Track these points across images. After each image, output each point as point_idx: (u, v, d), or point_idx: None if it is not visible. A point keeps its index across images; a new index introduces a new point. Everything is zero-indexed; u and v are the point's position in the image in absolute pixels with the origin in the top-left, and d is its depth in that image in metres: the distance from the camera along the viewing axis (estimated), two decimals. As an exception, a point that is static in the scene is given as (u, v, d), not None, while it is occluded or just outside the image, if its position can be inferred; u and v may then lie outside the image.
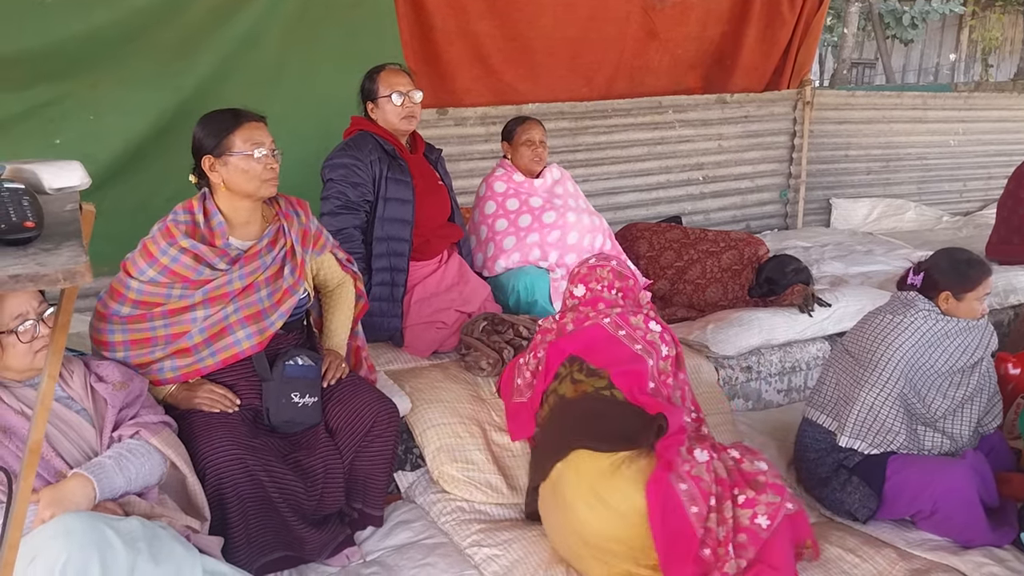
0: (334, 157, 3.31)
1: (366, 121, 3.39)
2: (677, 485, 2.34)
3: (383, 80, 3.32)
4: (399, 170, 3.32)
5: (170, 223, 2.43)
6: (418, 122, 3.42)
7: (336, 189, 3.27)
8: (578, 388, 2.71)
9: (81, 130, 3.70)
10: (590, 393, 2.69)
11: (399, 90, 3.29)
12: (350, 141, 3.34)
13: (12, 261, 1.00)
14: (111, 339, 2.42)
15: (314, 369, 2.62)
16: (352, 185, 3.26)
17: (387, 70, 3.35)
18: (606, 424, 2.56)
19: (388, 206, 3.32)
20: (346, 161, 3.27)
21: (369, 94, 3.35)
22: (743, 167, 6.16)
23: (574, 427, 2.59)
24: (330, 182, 3.30)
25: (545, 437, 2.75)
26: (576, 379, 2.73)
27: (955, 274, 2.86)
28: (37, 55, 3.53)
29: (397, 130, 3.36)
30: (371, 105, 3.36)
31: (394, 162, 3.32)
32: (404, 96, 3.29)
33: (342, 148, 3.33)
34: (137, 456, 2.15)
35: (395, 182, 3.31)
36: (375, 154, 3.29)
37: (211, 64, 3.96)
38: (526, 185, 3.91)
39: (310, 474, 2.51)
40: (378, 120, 3.36)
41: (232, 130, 2.42)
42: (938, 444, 2.86)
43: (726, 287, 4.19)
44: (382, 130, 3.35)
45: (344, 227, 3.26)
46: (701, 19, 5.70)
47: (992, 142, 7.44)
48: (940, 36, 18.77)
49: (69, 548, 1.76)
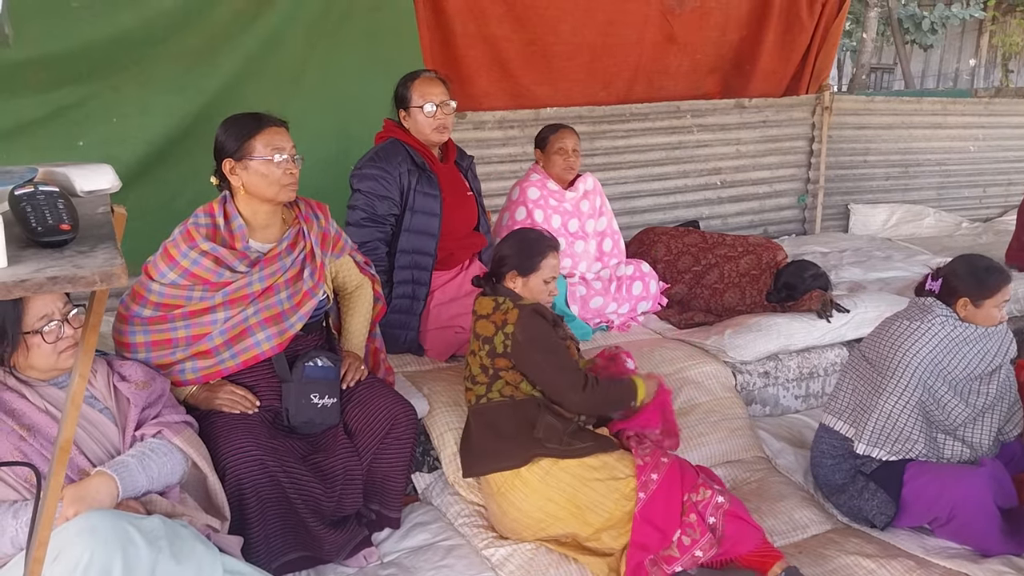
0: (363, 166, 3.27)
1: (398, 128, 3.34)
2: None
3: (416, 89, 3.26)
4: (428, 183, 3.29)
5: (191, 226, 2.46)
6: (450, 133, 3.36)
7: (363, 200, 3.24)
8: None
9: (105, 132, 3.73)
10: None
11: (432, 100, 3.23)
12: (380, 151, 3.29)
13: (49, 263, 1.02)
14: (133, 340, 2.44)
15: (333, 370, 2.64)
16: (379, 198, 3.23)
17: (422, 78, 3.29)
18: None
19: (415, 218, 3.29)
20: (375, 172, 3.23)
21: (402, 102, 3.29)
22: (761, 172, 6.15)
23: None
24: (357, 192, 3.27)
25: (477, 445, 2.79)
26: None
27: (974, 280, 2.85)
28: (62, 58, 3.57)
29: (428, 140, 3.31)
30: (403, 113, 3.30)
31: (423, 174, 3.28)
32: (437, 107, 3.24)
33: (372, 158, 3.28)
34: (159, 455, 2.17)
35: (423, 195, 3.28)
36: (405, 165, 3.25)
37: (234, 67, 3.99)
38: (557, 195, 3.94)
39: (329, 475, 2.53)
40: (410, 129, 3.30)
41: (253, 134, 2.44)
42: (958, 452, 2.85)
43: (744, 292, 4.19)
44: (413, 139, 3.30)
45: (369, 239, 3.24)
46: (720, 24, 5.69)
47: (1012, 148, 7.38)
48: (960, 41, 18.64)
49: (93, 546, 1.78)
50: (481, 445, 2.72)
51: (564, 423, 2.65)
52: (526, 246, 2.80)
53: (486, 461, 2.69)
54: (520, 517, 2.62)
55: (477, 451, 2.73)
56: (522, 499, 2.60)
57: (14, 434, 2.02)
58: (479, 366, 2.73)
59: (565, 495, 2.57)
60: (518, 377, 2.68)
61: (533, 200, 3.87)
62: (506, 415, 2.68)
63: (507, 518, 2.66)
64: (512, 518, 2.64)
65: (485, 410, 2.73)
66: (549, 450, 2.58)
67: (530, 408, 2.66)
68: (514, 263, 2.77)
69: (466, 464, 2.79)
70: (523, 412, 2.66)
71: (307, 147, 2.58)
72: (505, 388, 2.70)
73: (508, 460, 2.62)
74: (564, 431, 2.62)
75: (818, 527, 2.92)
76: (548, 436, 2.60)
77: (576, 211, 4.00)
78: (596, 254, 4.11)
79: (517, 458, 2.60)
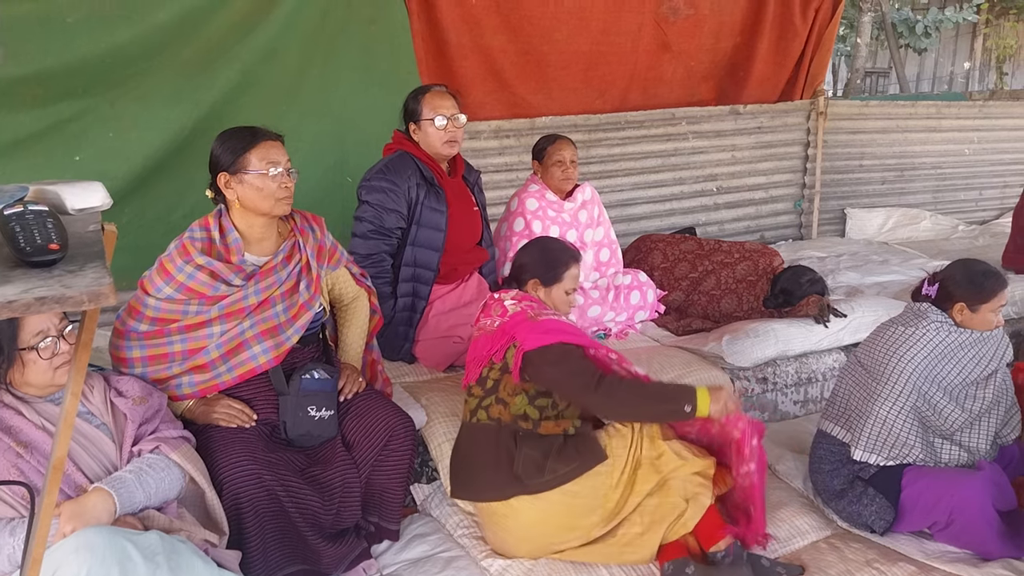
0: (372, 179, 3.26)
1: (408, 141, 3.33)
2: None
3: (427, 102, 3.26)
4: (436, 198, 3.29)
5: (186, 240, 2.46)
6: (460, 146, 3.36)
7: (371, 213, 3.24)
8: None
9: (101, 147, 3.74)
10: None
11: (443, 113, 3.23)
12: (390, 163, 3.28)
13: (38, 283, 1.02)
14: (129, 355, 2.44)
15: (330, 383, 2.64)
16: (387, 211, 3.23)
17: (432, 92, 3.30)
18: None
19: (420, 232, 3.30)
20: (384, 185, 3.23)
21: (412, 115, 3.29)
22: (757, 178, 6.16)
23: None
24: (365, 204, 3.26)
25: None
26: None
27: (970, 285, 2.84)
28: (59, 73, 3.58)
29: (438, 154, 3.31)
30: (413, 126, 3.30)
31: (432, 189, 3.29)
32: (448, 120, 3.24)
33: (380, 170, 3.27)
34: (157, 470, 2.17)
35: (430, 209, 3.28)
36: (414, 179, 3.25)
37: (229, 80, 3.99)
38: (556, 206, 3.95)
39: (327, 488, 2.52)
40: (420, 142, 3.30)
41: (248, 148, 2.44)
42: (955, 457, 2.84)
43: (741, 298, 4.19)
44: (422, 153, 3.30)
45: (374, 252, 3.25)
46: (714, 31, 5.71)
47: (1008, 150, 7.39)
48: (954, 44, 18.68)
49: (90, 563, 1.78)
50: (466, 471, 2.68)
51: (545, 447, 2.55)
52: (549, 256, 2.76)
53: (471, 488, 2.67)
54: (515, 542, 2.61)
55: (463, 476, 2.70)
56: (514, 525, 2.58)
57: (11, 451, 2.02)
58: (486, 375, 2.67)
59: (556, 516, 2.55)
60: (516, 389, 2.61)
61: (532, 211, 3.88)
62: (487, 442, 2.61)
63: (503, 543, 2.65)
64: (508, 542, 2.63)
65: (473, 430, 2.68)
66: (527, 487, 2.52)
67: (509, 438, 2.58)
68: (537, 272, 2.73)
69: (453, 484, 2.76)
70: (504, 441, 2.58)
71: (303, 160, 2.59)
72: (494, 408, 2.62)
73: (489, 492, 2.59)
74: (546, 457, 2.53)
75: (818, 533, 2.92)
76: (527, 471, 2.52)
77: (574, 221, 4.01)
78: (594, 264, 4.13)
79: (497, 493, 2.57)
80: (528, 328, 2.57)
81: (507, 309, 2.65)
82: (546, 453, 2.54)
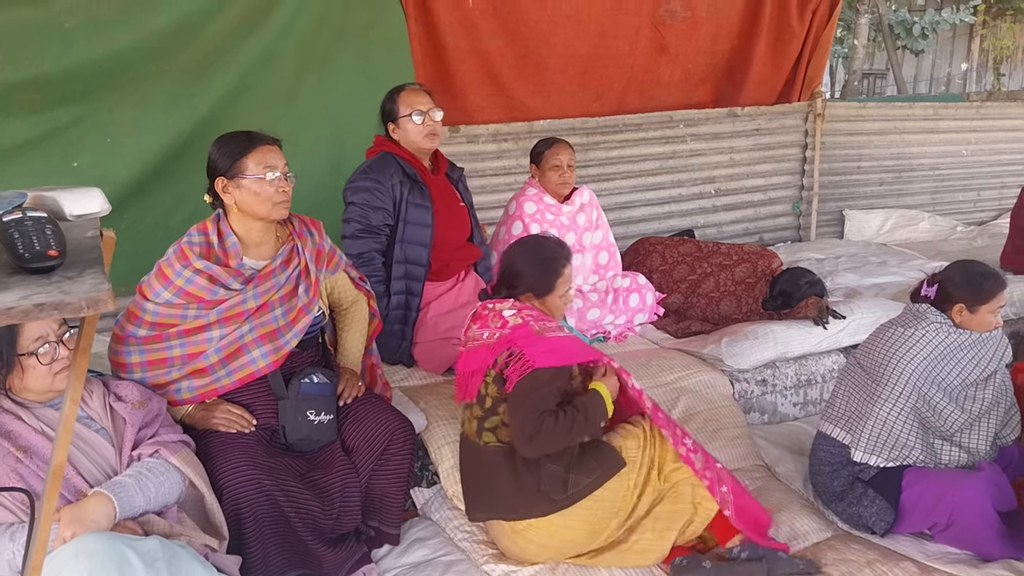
0: (356, 180, 3.31)
1: (388, 142, 3.39)
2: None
3: (403, 100, 3.32)
4: (419, 194, 3.33)
5: (184, 245, 2.46)
6: (440, 140, 3.43)
7: (357, 212, 3.28)
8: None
9: (99, 152, 3.73)
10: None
11: (419, 109, 3.29)
12: (372, 164, 3.34)
13: (36, 289, 1.02)
14: (128, 360, 2.44)
15: (330, 387, 2.64)
16: (373, 209, 3.27)
17: (407, 90, 3.36)
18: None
19: (408, 229, 3.33)
20: (368, 184, 3.27)
21: (390, 115, 3.36)
22: (755, 180, 6.16)
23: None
24: (351, 205, 3.31)
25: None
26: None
27: (969, 287, 2.85)
28: (56, 78, 3.57)
29: (420, 149, 3.36)
30: (392, 126, 3.36)
31: (415, 185, 3.33)
32: (424, 115, 3.29)
33: (364, 171, 3.33)
34: (156, 475, 2.17)
35: (415, 206, 3.32)
36: (397, 177, 3.30)
37: (227, 84, 3.99)
38: (554, 209, 3.95)
39: (327, 493, 2.52)
40: (400, 140, 3.36)
41: (246, 153, 2.44)
42: (955, 458, 2.85)
43: (740, 300, 4.19)
44: (404, 151, 3.35)
45: (365, 251, 3.29)
46: (711, 33, 5.72)
47: (1005, 151, 7.40)
48: (951, 46, 18.69)
49: (90, 568, 1.78)
50: (486, 494, 2.64)
51: (565, 460, 2.53)
52: (542, 267, 2.69)
53: (495, 510, 2.63)
54: (537, 550, 2.61)
55: (483, 499, 2.66)
56: (537, 536, 2.57)
57: (11, 456, 2.02)
58: (484, 392, 2.63)
59: (582, 523, 2.56)
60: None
61: (530, 214, 3.89)
62: (504, 464, 2.57)
63: (523, 552, 2.62)
64: (529, 551, 2.61)
65: (484, 453, 2.63)
66: (556, 503, 2.52)
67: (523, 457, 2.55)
68: (530, 284, 2.68)
69: (472, 507, 2.72)
70: (522, 461, 2.54)
71: (300, 164, 2.59)
72: (502, 431, 2.59)
73: (516, 512, 2.57)
74: (567, 470, 2.52)
75: (819, 535, 2.91)
76: (553, 487, 2.51)
77: (573, 225, 4.01)
78: (593, 267, 4.13)
79: (525, 512, 2.56)
80: (534, 343, 2.51)
81: (507, 320, 2.61)
82: (567, 466, 2.54)
